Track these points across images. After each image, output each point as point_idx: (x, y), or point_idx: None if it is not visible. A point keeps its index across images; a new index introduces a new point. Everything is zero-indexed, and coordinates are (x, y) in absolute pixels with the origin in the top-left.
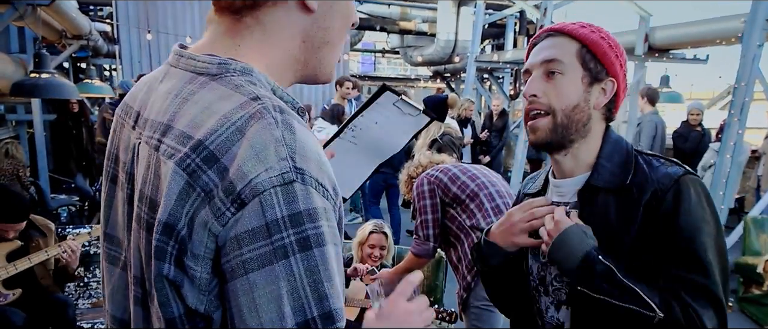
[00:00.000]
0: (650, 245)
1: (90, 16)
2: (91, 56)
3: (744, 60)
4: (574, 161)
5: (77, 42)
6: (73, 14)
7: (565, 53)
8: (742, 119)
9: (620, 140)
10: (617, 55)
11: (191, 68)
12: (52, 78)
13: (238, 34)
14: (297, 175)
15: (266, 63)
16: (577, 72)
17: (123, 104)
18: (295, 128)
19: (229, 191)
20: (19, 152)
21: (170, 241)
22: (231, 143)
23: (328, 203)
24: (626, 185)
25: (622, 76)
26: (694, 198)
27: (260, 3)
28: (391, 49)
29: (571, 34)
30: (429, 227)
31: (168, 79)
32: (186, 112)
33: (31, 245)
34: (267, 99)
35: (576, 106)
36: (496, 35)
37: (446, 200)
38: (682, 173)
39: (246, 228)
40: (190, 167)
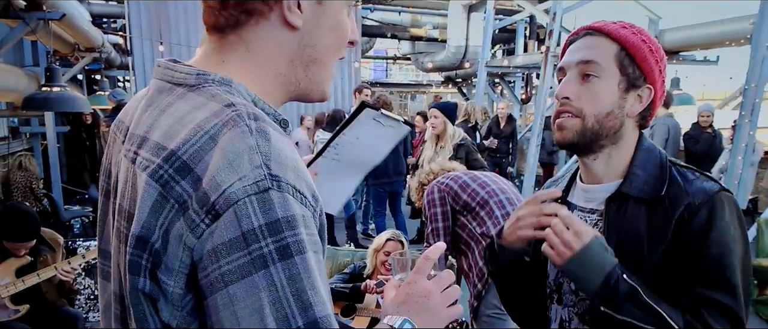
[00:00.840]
0: (677, 260)
1: (103, 28)
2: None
3: (753, 61)
4: (605, 166)
5: (90, 54)
6: (85, 27)
7: (603, 55)
8: (752, 120)
9: (653, 148)
10: (657, 60)
11: (169, 78)
12: (63, 91)
13: (223, 51)
14: (273, 182)
15: (252, 80)
16: (614, 77)
17: (117, 121)
18: (269, 134)
19: (202, 202)
20: (32, 165)
21: (144, 254)
22: (204, 153)
23: (306, 211)
24: (660, 197)
25: (660, 83)
26: (728, 217)
27: (243, 21)
28: (402, 55)
29: (611, 35)
30: (440, 235)
31: (149, 92)
32: (162, 123)
33: (39, 259)
34: (242, 106)
35: (609, 113)
36: (506, 40)
37: (456, 207)
38: (717, 189)
39: (222, 240)
40: (163, 178)
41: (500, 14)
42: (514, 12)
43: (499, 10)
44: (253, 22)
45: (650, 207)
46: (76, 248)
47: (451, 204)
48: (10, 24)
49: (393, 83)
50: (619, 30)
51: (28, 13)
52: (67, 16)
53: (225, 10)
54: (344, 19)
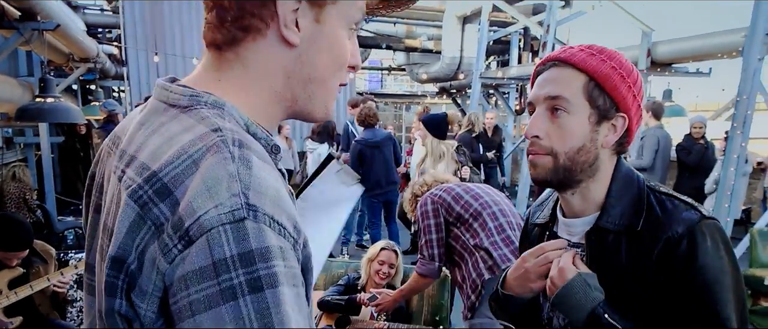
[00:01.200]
0: (664, 296)
1: (98, 38)
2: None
3: (745, 74)
4: (583, 200)
5: (85, 65)
6: (80, 38)
7: (571, 89)
8: (744, 131)
9: (631, 174)
10: (630, 85)
11: (165, 99)
12: (57, 102)
13: (220, 69)
14: (249, 212)
15: (246, 99)
16: (584, 110)
17: (112, 135)
18: (252, 163)
19: (177, 227)
20: (26, 176)
21: (120, 275)
22: (185, 176)
23: (285, 242)
24: (638, 231)
25: (635, 108)
26: (711, 248)
27: (240, 38)
28: (397, 66)
29: (578, 66)
30: (433, 246)
31: (145, 110)
32: (151, 143)
33: (31, 271)
34: (228, 132)
35: (581, 148)
36: (500, 52)
37: (450, 219)
38: (697, 219)
39: (192, 268)
40: (142, 198)
41: (494, 26)
42: (509, 24)
43: (493, 22)
44: (250, 38)
45: (629, 240)
46: (69, 259)
47: (445, 216)
48: (5, 34)
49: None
50: (587, 60)
51: (23, 24)
52: (61, 26)
53: (222, 26)
54: (343, 40)
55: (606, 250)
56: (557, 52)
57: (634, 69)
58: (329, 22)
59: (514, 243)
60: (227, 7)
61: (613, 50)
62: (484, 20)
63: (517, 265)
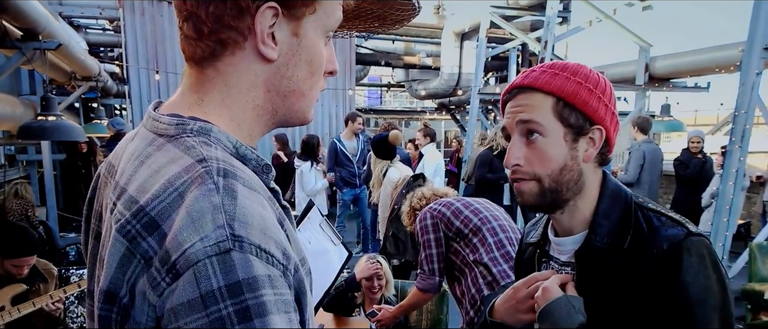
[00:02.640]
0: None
1: (100, 57)
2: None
3: (743, 88)
4: (571, 218)
5: (86, 83)
6: (81, 57)
7: (541, 112)
8: (743, 145)
9: (618, 190)
10: (600, 96)
11: (154, 129)
12: (58, 120)
13: (202, 89)
14: (234, 243)
15: (230, 116)
16: (558, 131)
17: (106, 162)
18: (237, 193)
19: (164, 260)
20: (28, 193)
21: (114, 308)
22: (172, 210)
23: (273, 270)
24: (624, 249)
25: (610, 117)
26: (696, 265)
27: (219, 53)
28: (396, 83)
29: (543, 89)
30: (433, 261)
31: (136, 139)
32: (139, 176)
33: (32, 289)
34: (213, 161)
35: (563, 167)
36: (499, 68)
37: (449, 234)
38: (682, 235)
39: (181, 301)
40: (130, 233)
41: (492, 42)
42: (507, 40)
43: (491, 39)
44: (228, 53)
45: (617, 259)
46: (70, 276)
47: (444, 231)
48: (7, 53)
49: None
50: (551, 81)
51: (25, 43)
52: (63, 45)
53: (201, 41)
54: (321, 51)
55: (595, 269)
56: (520, 79)
57: (601, 79)
58: (306, 34)
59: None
60: (204, 19)
61: (577, 64)
62: (482, 37)
63: (509, 295)
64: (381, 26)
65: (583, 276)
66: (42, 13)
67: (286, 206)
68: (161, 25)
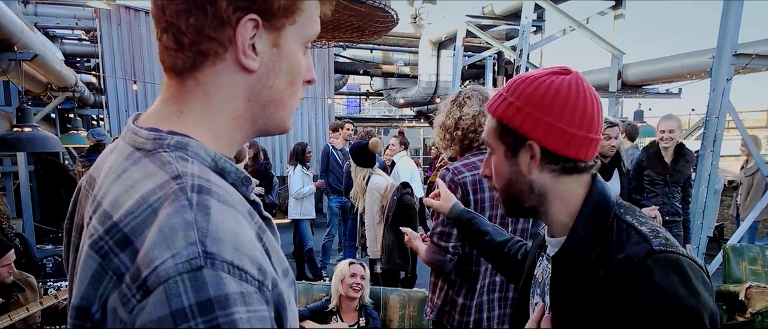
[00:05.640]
0: None
1: (76, 68)
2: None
3: (714, 94)
4: (552, 223)
5: (63, 94)
6: (58, 67)
7: (490, 134)
8: (715, 150)
9: (603, 201)
10: (529, 112)
11: (133, 143)
12: (35, 131)
13: (182, 100)
14: (206, 260)
15: (209, 126)
16: (501, 148)
17: (88, 176)
18: (210, 209)
19: (135, 277)
20: (2, 204)
21: (86, 324)
22: (145, 226)
23: (247, 287)
24: (591, 261)
25: (544, 129)
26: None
27: (199, 63)
28: (375, 91)
29: (492, 115)
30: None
31: (114, 153)
32: (114, 190)
33: (10, 301)
34: (189, 177)
35: (509, 180)
36: (475, 76)
37: None
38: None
39: (151, 318)
40: (102, 249)
41: (469, 51)
42: (483, 49)
43: (467, 47)
44: (209, 63)
45: (585, 272)
46: (48, 288)
47: None
48: None
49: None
50: (492, 105)
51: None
52: (39, 56)
53: (181, 52)
54: (300, 60)
55: (566, 277)
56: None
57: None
58: (286, 44)
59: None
60: (184, 30)
61: (524, 79)
62: (458, 45)
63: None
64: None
65: (555, 279)
66: (17, 23)
67: (267, 218)
68: (138, 34)
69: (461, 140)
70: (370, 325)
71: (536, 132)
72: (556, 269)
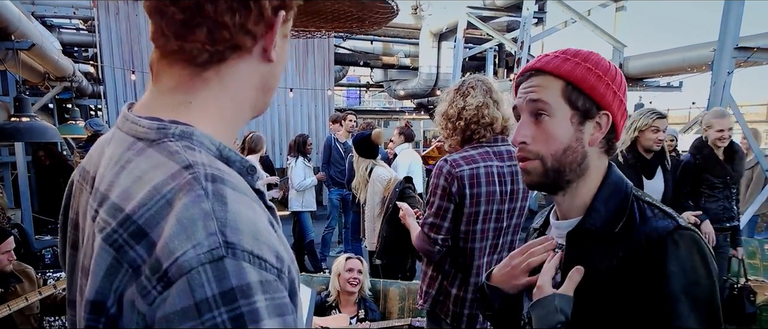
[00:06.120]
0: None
1: (74, 57)
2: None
3: (715, 87)
4: (571, 201)
5: (61, 84)
6: (55, 57)
7: (550, 93)
8: None
9: (621, 182)
10: (609, 83)
11: (133, 133)
12: (32, 121)
13: (192, 90)
14: (227, 250)
15: (220, 116)
16: (565, 112)
17: (80, 168)
18: (227, 198)
19: (155, 269)
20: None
21: (101, 319)
22: (160, 218)
23: (267, 275)
24: (614, 234)
25: (618, 105)
26: (683, 257)
27: (227, 56)
28: (375, 83)
29: (554, 73)
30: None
31: (113, 143)
32: (121, 182)
33: (9, 291)
34: (200, 167)
35: (566, 148)
36: (476, 68)
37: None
38: (671, 227)
39: (174, 309)
40: (117, 242)
41: (470, 43)
42: (484, 40)
43: (468, 39)
44: (236, 56)
45: (606, 245)
46: (47, 279)
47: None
48: None
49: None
50: (562, 65)
51: None
52: (36, 45)
53: (212, 45)
54: None
55: (583, 252)
56: (533, 63)
57: (612, 67)
58: (288, 34)
59: None
60: (229, 25)
61: (589, 51)
62: (459, 37)
63: (505, 262)
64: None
65: (570, 256)
66: (14, 12)
67: (271, 207)
68: (137, 24)
69: (463, 130)
70: (369, 318)
71: (613, 105)
72: (572, 245)
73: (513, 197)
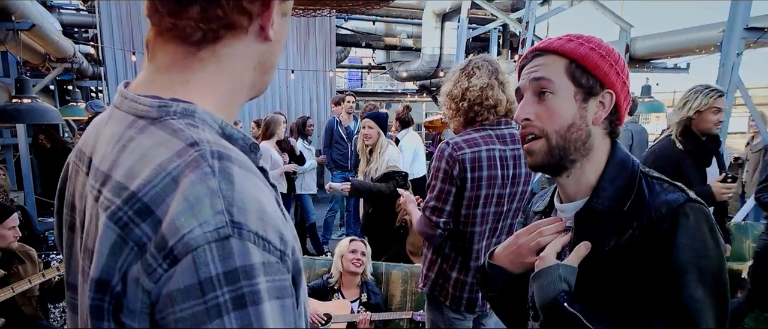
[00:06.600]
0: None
1: (74, 38)
2: (76, 78)
3: (723, 69)
4: (577, 183)
5: (61, 65)
6: (55, 38)
7: (554, 71)
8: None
9: (627, 159)
10: (612, 63)
11: (133, 111)
12: (34, 103)
13: (189, 68)
14: (233, 230)
15: (217, 96)
16: (569, 90)
17: (76, 150)
18: (233, 176)
19: (160, 246)
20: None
21: (106, 297)
22: (165, 195)
23: (270, 257)
24: (623, 212)
25: (621, 85)
26: (693, 229)
27: (222, 34)
28: (377, 64)
29: (558, 51)
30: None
31: (111, 122)
32: (124, 161)
33: (11, 273)
34: (206, 144)
35: (571, 125)
36: (480, 49)
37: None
38: (683, 200)
39: (178, 286)
40: (122, 220)
41: (473, 23)
42: (488, 21)
43: (472, 19)
44: (230, 35)
45: (615, 223)
46: (51, 261)
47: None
48: None
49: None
50: (565, 44)
51: None
52: (36, 26)
53: (205, 23)
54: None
55: (592, 231)
56: (537, 44)
57: (615, 50)
58: (287, 12)
59: None
60: (222, 2)
61: (591, 36)
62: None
63: (511, 241)
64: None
65: (579, 237)
66: None
67: (275, 186)
68: (137, 5)
69: (466, 111)
70: (371, 301)
71: (616, 85)
72: (581, 226)
73: (515, 181)
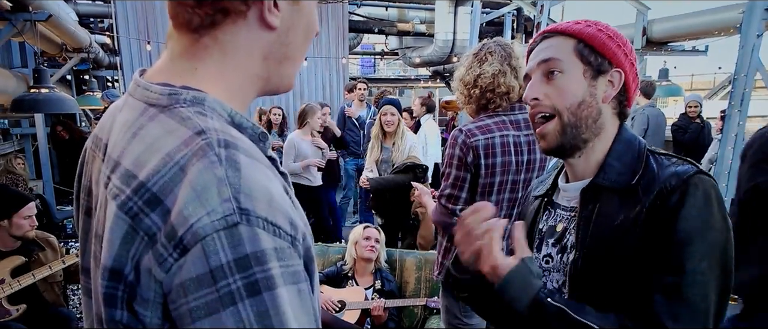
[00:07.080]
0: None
1: (90, 28)
2: (92, 68)
3: (743, 51)
4: (586, 162)
5: (78, 55)
6: (72, 28)
7: (562, 51)
8: (742, 110)
9: (633, 139)
10: (619, 45)
11: (145, 99)
12: (51, 93)
13: (196, 56)
14: (242, 216)
15: (225, 85)
16: (577, 68)
17: (93, 136)
18: (240, 164)
19: (170, 236)
20: (19, 167)
21: (119, 286)
22: (174, 184)
23: (281, 242)
24: (632, 185)
25: (629, 66)
26: (702, 201)
27: (219, 21)
28: (390, 50)
29: (566, 32)
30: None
31: (125, 109)
32: (133, 148)
33: (32, 260)
34: (213, 132)
35: (581, 102)
36: (494, 33)
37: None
38: (692, 172)
39: (190, 276)
40: (132, 210)
41: (487, 7)
42: (502, 5)
43: (485, 3)
44: (229, 22)
45: (623, 198)
46: (70, 248)
47: None
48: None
49: (381, 79)
50: (573, 25)
51: (15, 15)
52: (53, 16)
53: (200, 8)
54: (315, 13)
55: (599, 209)
56: (544, 28)
57: (621, 34)
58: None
59: None
60: None
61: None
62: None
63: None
64: None
65: (584, 216)
66: None
67: (284, 173)
68: None
69: (479, 98)
70: (385, 288)
71: (624, 65)
72: (586, 202)
73: (529, 167)
